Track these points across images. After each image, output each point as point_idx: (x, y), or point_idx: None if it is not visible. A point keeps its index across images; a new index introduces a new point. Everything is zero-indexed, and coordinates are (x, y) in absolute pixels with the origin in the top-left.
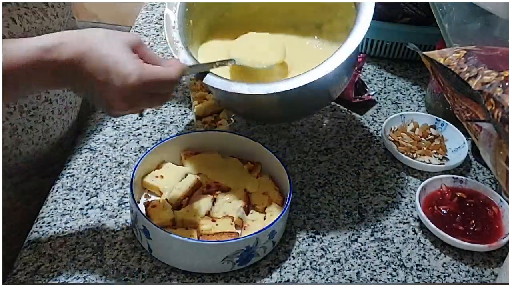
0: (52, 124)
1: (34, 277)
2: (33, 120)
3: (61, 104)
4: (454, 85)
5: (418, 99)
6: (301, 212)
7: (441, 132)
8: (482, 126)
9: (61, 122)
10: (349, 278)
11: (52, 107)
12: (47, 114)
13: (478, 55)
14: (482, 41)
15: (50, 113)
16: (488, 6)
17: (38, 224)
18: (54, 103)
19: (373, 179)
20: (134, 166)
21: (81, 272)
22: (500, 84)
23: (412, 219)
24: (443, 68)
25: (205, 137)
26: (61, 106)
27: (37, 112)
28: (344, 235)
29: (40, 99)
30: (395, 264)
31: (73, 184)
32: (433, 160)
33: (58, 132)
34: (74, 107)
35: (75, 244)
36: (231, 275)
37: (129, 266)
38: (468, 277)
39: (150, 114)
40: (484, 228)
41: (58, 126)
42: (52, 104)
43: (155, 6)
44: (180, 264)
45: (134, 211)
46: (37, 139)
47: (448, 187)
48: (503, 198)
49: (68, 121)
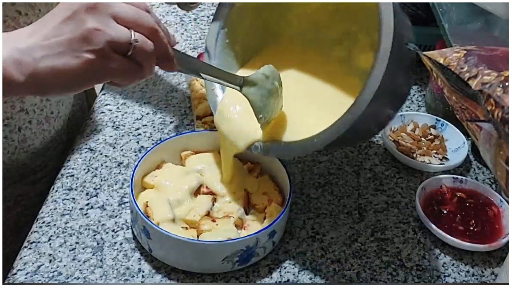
0: (30, 134)
1: (34, 277)
2: (8, 130)
3: (40, 114)
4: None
5: (418, 99)
6: (301, 212)
7: (441, 132)
8: (482, 126)
9: (40, 132)
10: (349, 278)
11: (29, 117)
12: (23, 124)
13: (478, 55)
14: (482, 41)
15: (27, 123)
16: (488, 6)
17: (38, 224)
18: (31, 113)
19: (373, 179)
20: (134, 166)
21: (81, 272)
22: (500, 84)
23: (412, 219)
24: (443, 68)
25: (205, 137)
26: (39, 116)
27: (11, 122)
28: (344, 235)
29: (15, 108)
30: (395, 264)
31: (73, 184)
32: (433, 160)
33: (38, 142)
34: (57, 117)
35: (75, 244)
36: (231, 275)
37: (129, 266)
38: (468, 277)
39: (150, 114)
40: (484, 228)
41: (38, 136)
42: (29, 114)
43: (155, 6)
44: (180, 264)
45: (134, 211)
46: (13, 149)
47: (448, 187)
48: (503, 198)
49: (49, 131)
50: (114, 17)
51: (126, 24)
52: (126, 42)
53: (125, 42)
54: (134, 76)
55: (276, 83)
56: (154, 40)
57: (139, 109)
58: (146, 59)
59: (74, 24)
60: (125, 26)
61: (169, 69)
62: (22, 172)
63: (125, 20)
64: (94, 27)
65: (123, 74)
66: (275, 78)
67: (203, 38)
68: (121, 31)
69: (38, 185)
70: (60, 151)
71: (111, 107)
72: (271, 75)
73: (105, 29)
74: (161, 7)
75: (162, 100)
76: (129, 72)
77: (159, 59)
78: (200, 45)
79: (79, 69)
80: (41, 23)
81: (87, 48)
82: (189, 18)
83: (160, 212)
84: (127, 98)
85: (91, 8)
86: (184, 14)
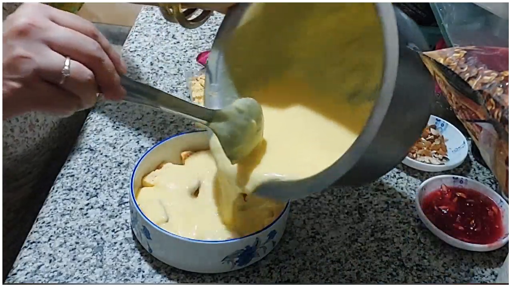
0: (12, 142)
1: (34, 277)
2: None
3: (23, 122)
4: (454, 85)
5: None
6: (301, 212)
7: (441, 132)
8: (482, 126)
9: (24, 140)
10: (349, 278)
11: (11, 125)
12: (4, 132)
13: (478, 55)
14: (482, 41)
15: (9, 131)
16: (488, 6)
17: (38, 224)
18: (14, 121)
19: None
20: (134, 166)
21: (81, 272)
22: (500, 84)
23: (412, 219)
24: (443, 68)
25: (205, 137)
26: (23, 123)
27: None
28: (344, 235)
29: None
30: (395, 264)
31: (73, 184)
32: (433, 160)
33: (21, 149)
34: (43, 125)
35: (75, 244)
36: (231, 275)
37: (129, 266)
38: (468, 277)
39: (150, 114)
40: (484, 228)
41: (20, 144)
42: (11, 123)
43: (154, 8)
44: (180, 264)
45: (134, 211)
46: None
47: (448, 187)
48: (503, 198)
49: (34, 138)
50: (48, 43)
51: (61, 51)
52: (57, 71)
53: (55, 71)
54: (68, 106)
55: (252, 119)
56: (94, 68)
57: (139, 109)
58: (81, 89)
59: (3, 50)
60: (61, 53)
61: (113, 98)
62: (4, 178)
63: (61, 47)
64: (21, 54)
65: (54, 104)
66: (251, 113)
67: (203, 38)
68: (52, 59)
69: (20, 191)
70: (48, 158)
71: (111, 107)
72: (247, 109)
73: (33, 56)
74: None
75: None
76: (61, 103)
77: (102, 88)
78: (200, 44)
79: (5, 97)
80: None
81: (12, 76)
82: None
83: (153, 215)
84: None
85: (22, 32)
86: None
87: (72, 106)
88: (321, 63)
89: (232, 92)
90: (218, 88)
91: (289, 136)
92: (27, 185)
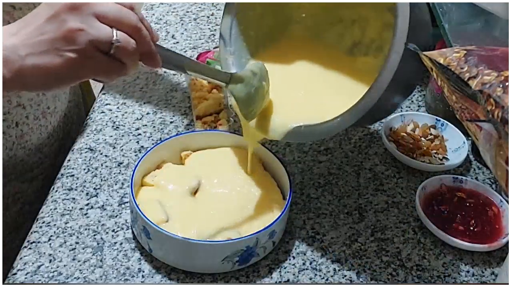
0: (28, 130)
1: (34, 277)
2: (6, 125)
3: (36, 109)
4: (454, 85)
5: (418, 99)
6: (301, 212)
7: (441, 132)
8: (482, 126)
9: (37, 127)
10: (349, 278)
11: (26, 112)
12: (20, 120)
13: (478, 55)
14: (482, 41)
15: (24, 119)
16: (488, 6)
17: (38, 224)
18: (28, 108)
19: (373, 179)
20: (134, 166)
21: (81, 272)
22: (500, 84)
23: (412, 219)
24: (443, 68)
25: (205, 137)
26: (36, 111)
27: (9, 117)
28: (344, 235)
29: (12, 104)
30: (395, 264)
31: (73, 184)
32: (433, 160)
33: (35, 137)
34: (54, 112)
35: (75, 244)
36: (231, 275)
37: (129, 266)
38: (468, 277)
39: (150, 114)
40: (484, 228)
41: (35, 132)
42: (26, 109)
43: (155, 6)
44: (180, 264)
45: (134, 211)
46: (11, 144)
47: (448, 187)
48: (503, 198)
49: (46, 126)
50: (97, 16)
51: (108, 23)
52: (108, 41)
53: (107, 41)
54: (116, 73)
55: (263, 82)
56: (137, 38)
57: (139, 109)
58: (128, 57)
59: (57, 23)
60: (108, 24)
61: (152, 66)
62: (19, 168)
63: (108, 19)
64: (76, 27)
65: (105, 72)
66: (262, 75)
67: (203, 38)
68: (103, 30)
69: (35, 182)
70: (56, 148)
71: (111, 107)
72: (259, 72)
73: (87, 29)
74: (161, 7)
75: (162, 100)
76: (111, 70)
77: (142, 56)
78: (200, 45)
79: (61, 68)
80: (24, 22)
81: (69, 48)
82: (189, 18)
83: (152, 215)
84: (127, 98)
85: (73, 7)
86: (184, 14)
87: (120, 74)
88: (321, 23)
89: (246, 54)
90: (233, 51)
91: (304, 86)
92: (41, 175)
